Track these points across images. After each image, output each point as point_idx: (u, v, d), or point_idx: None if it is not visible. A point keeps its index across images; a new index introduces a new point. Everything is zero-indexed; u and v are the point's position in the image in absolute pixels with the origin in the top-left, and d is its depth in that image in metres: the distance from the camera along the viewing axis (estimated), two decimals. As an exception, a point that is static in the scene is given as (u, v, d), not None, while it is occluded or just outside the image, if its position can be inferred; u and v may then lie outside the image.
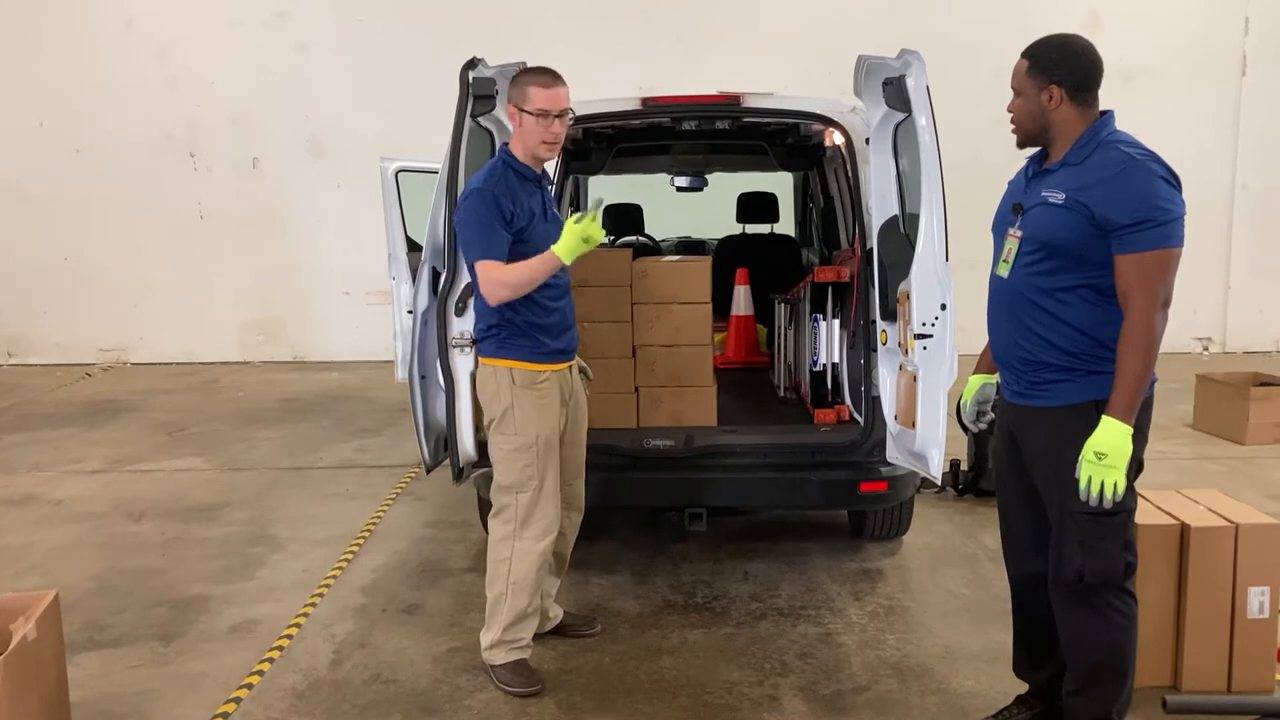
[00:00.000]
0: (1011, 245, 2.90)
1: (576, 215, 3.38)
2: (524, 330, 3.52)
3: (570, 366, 3.71)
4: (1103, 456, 2.63)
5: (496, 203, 3.41)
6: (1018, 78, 2.92)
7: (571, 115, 3.55)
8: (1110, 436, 2.63)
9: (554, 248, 3.37)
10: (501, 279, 3.40)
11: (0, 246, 10.72)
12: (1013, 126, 2.97)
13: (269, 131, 10.60)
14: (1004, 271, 2.93)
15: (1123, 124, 2.81)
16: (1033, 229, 2.83)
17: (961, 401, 3.29)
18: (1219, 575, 3.47)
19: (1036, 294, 2.81)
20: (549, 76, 3.49)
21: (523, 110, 3.46)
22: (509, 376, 3.53)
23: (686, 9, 10.29)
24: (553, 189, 3.78)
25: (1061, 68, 2.82)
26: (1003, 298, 2.94)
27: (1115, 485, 2.64)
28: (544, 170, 3.68)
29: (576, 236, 3.33)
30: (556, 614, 4.00)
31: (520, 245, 3.47)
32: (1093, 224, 2.68)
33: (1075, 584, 2.84)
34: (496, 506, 3.66)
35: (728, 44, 10.03)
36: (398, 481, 6.25)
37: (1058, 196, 2.76)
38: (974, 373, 3.29)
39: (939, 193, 3.70)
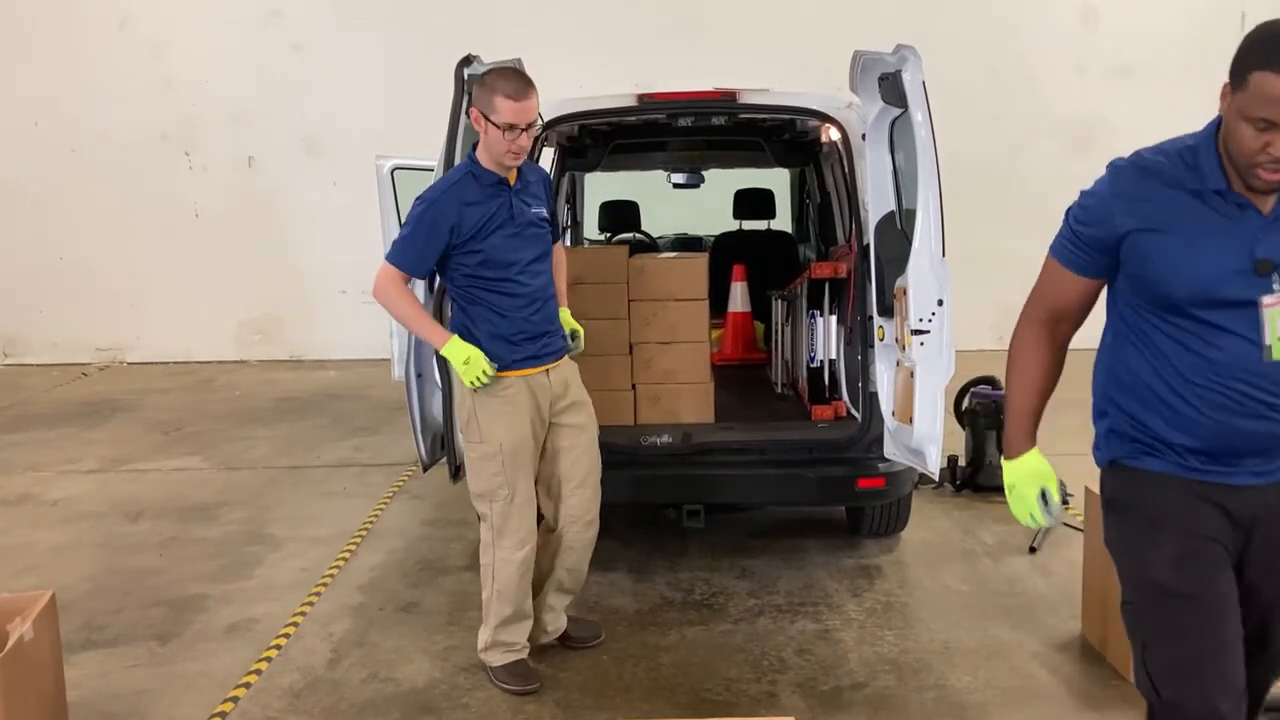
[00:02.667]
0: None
1: (485, 368, 3.36)
2: (482, 338, 3.47)
3: (548, 370, 3.60)
4: None
5: (435, 215, 3.36)
6: None
7: (540, 123, 3.46)
8: None
9: (451, 340, 3.39)
10: (387, 291, 3.41)
11: (-4, 246, 10.71)
12: None
13: (265, 130, 10.58)
14: None
15: (1119, 118, 2.79)
16: None
17: (1049, 504, 2.49)
18: (1217, 570, 3.44)
19: None
20: (517, 85, 3.31)
21: (489, 120, 3.31)
22: None
23: (683, 5, 10.28)
24: (531, 187, 3.64)
25: None
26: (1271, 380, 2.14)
27: None
28: (521, 173, 3.55)
29: (465, 354, 3.36)
30: (558, 627, 3.89)
31: (471, 255, 3.41)
32: None
33: None
34: (477, 513, 3.65)
35: (724, 40, 10.01)
36: (395, 480, 6.24)
37: None
38: (1024, 456, 2.46)
39: (936, 188, 3.69)
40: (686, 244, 7.60)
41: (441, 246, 3.39)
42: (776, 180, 7.60)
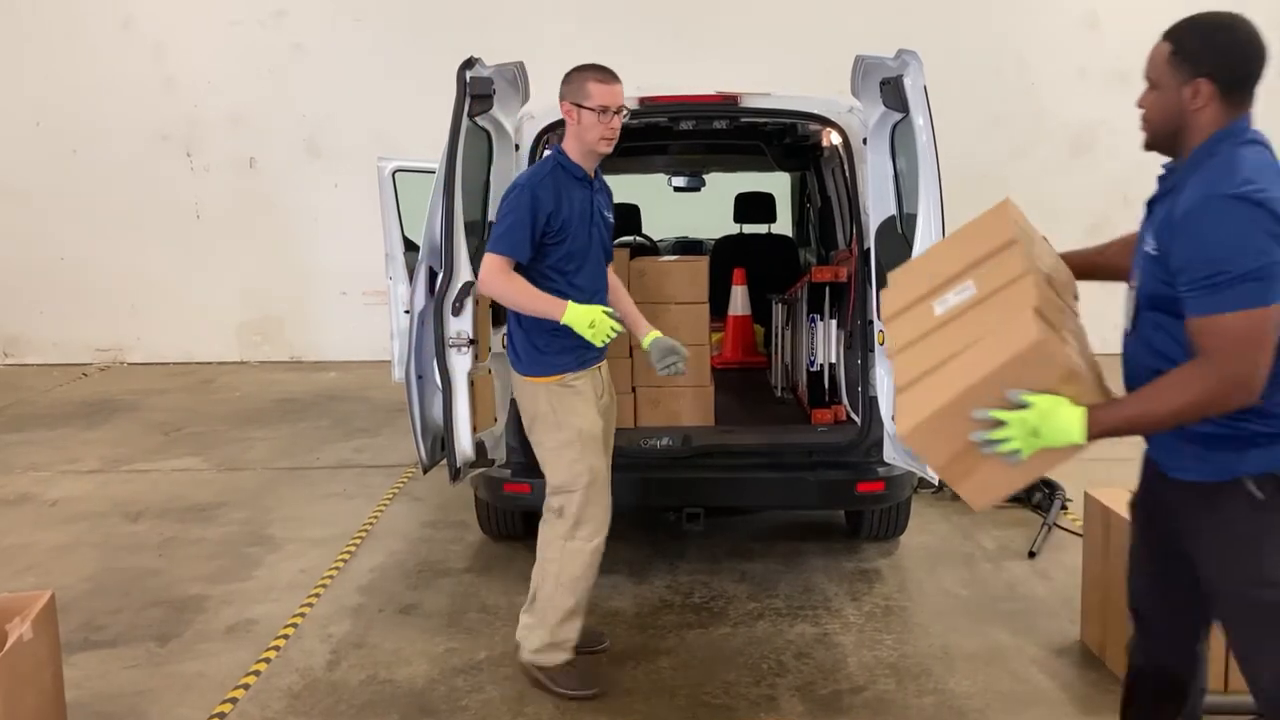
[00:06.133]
0: (1130, 296, 2.34)
1: (615, 319, 3.40)
2: (553, 338, 3.52)
3: (600, 368, 3.69)
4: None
5: (535, 201, 3.40)
6: (1155, 66, 2.24)
7: (627, 113, 3.52)
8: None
9: (569, 306, 3.37)
10: (497, 280, 3.42)
11: (-3, 246, 10.72)
12: (1142, 125, 2.30)
13: (266, 131, 10.59)
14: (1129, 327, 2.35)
15: (1121, 123, 2.75)
16: (1139, 281, 2.30)
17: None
18: (1216, 575, 3.45)
19: (1153, 359, 2.24)
20: (606, 73, 3.45)
21: (581, 106, 3.42)
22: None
23: (684, 8, 10.30)
24: (605, 191, 3.73)
25: (1216, 56, 2.17)
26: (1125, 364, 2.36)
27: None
28: (598, 174, 3.65)
29: (588, 317, 3.35)
30: None
31: (556, 246, 3.46)
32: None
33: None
34: (547, 511, 3.60)
35: (725, 43, 10.03)
36: (395, 481, 6.24)
37: (1152, 245, 2.21)
38: None
39: (936, 193, 3.70)
40: (687, 247, 7.60)
41: (539, 231, 3.42)
42: (777, 184, 7.60)
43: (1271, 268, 2.00)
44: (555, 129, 4.59)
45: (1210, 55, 2.16)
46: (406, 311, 4.26)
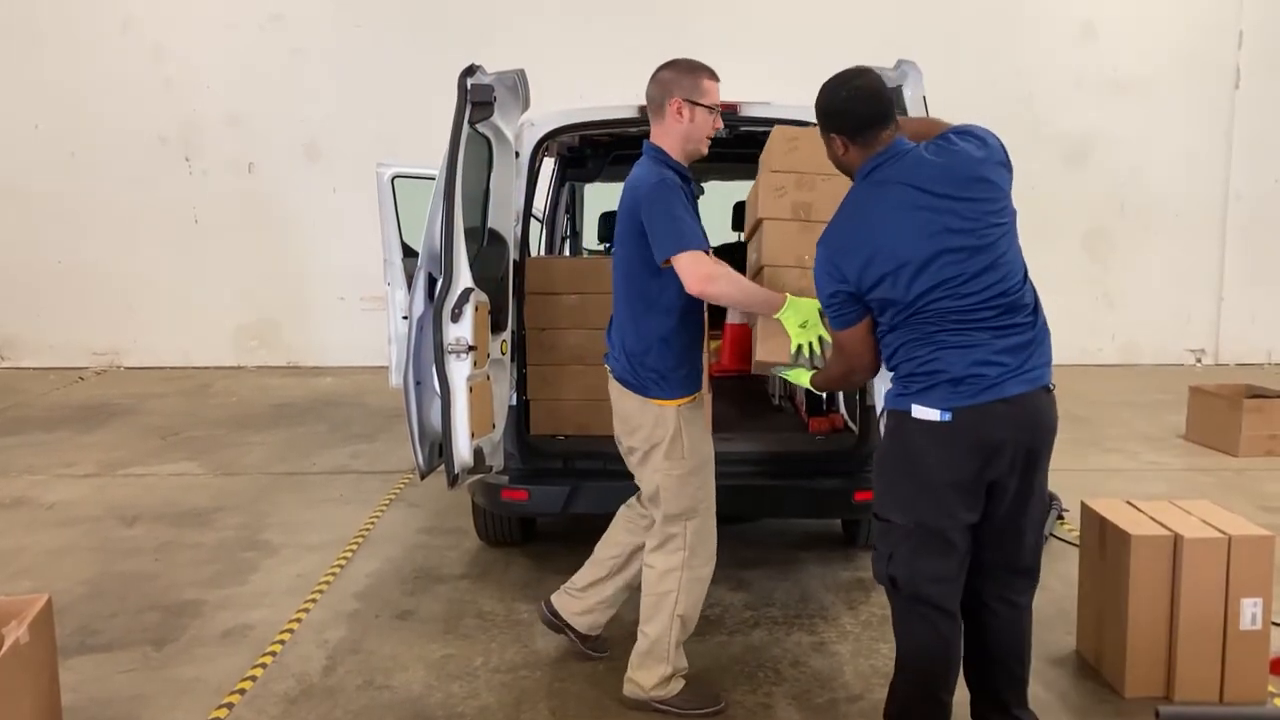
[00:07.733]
0: None
1: (823, 332, 3.10)
2: (688, 353, 3.40)
3: None
4: None
5: (683, 193, 3.23)
6: (817, 124, 2.88)
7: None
8: None
9: (789, 299, 3.11)
10: (717, 274, 3.10)
11: (-6, 249, 10.73)
12: None
13: (265, 135, 10.61)
14: None
15: (1117, 133, 2.81)
16: None
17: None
18: (1212, 587, 3.47)
19: None
20: (712, 68, 3.30)
21: (697, 104, 3.25)
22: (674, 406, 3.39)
23: (684, 16, 10.33)
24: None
25: (838, 116, 2.78)
26: None
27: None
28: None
29: (807, 314, 3.09)
30: (598, 626, 3.87)
31: None
32: None
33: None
34: (661, 538, 3.46)
35: (724, 51, 10.03)
36: (392, 487, 6.24)
37: None
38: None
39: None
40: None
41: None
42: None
43: (832, 305, 2.82)
44: (556, 136, 4.61)
45: (834, 117, 2.77)
46: (405, 317, 4.26)
